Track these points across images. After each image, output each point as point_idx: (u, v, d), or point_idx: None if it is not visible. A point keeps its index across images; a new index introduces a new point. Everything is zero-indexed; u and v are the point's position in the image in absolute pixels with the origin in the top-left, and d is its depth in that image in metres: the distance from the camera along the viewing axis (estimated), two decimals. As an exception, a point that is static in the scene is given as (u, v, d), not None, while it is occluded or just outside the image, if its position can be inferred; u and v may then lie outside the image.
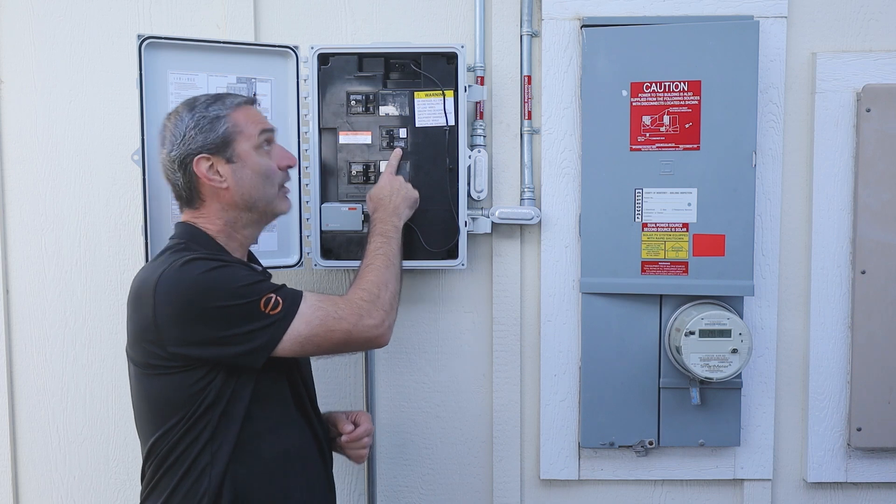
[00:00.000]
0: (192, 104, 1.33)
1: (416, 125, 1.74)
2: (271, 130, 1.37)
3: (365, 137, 1.75)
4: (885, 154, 1.81)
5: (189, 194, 1.33)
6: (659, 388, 1.84)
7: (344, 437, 1.45)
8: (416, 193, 1.63)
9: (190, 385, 1.23)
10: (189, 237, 1.31)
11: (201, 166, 1.30)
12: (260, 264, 1.46)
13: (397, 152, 1.69)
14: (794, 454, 1.93)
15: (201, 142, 1.29)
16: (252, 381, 1.27)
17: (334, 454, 1.51)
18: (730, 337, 1.72)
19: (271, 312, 1.22)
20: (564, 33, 1.84)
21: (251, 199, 1.32)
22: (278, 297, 1.24)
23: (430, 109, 1.74)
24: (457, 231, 1.76)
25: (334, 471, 1.48)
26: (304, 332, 1.25)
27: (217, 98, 1.34)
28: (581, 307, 1.86)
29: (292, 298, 1.26)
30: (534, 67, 1.87)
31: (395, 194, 1.58)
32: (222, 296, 1.20)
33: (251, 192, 1.32)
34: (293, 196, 1.74)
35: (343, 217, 1.74)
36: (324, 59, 1.73)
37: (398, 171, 1.70)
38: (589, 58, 1.79)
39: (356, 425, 1.47)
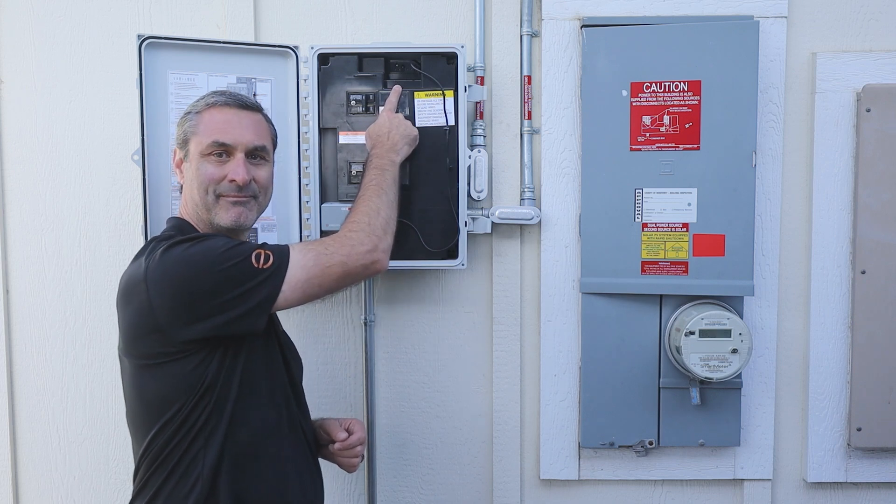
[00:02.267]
0: (204, 95, 1.40)
1: (416, 125, 1.74)
2: (228, 146, 1.32)
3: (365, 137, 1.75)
4: (885, 154, 1.81)
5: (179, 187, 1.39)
6: (659, 388, 1.84)
7: (337, 445, 1.44)
8: (415, 131, 1.63)
9: (188, 373, 1.23)
10: (176, 229, 1.34)
11: (175, 156, 1.38)
12: None
13: (397, 89, 1.67)
14: (794, 454, 1.93)
15: (175, 134, 1.37)
16: (239, 371, 1.28)
17: (326, 462, 1.51)
18: (730, 337, 1.72)
19: (264, 266, 1.22)
20: (564, 33, 1.84)
21: (194, 202, 1.34)
22: (267, 252, 1.24)
23: (430, 109, 1.74)
24: (457, 231, 1.76)
25: (333, 472, 1.48)
26: (301, 276, 1.25)
27: (209, 94, 1.38)
28: (581, 307, 1.86)
29: (280, 249, 1.27)
30: (534, 67, 1.87)
31: (393, 130, 1.58)
32: (211, 264, 1.21)
33: (193, 194, 1.33)
34: (291, 196, 1.76)
35: (343, 217, 1.73)
36: (324, 59, 1.73)
37: (398, 109, 1.69)
38: (589, 58, 1.79)
39: (350, 433, 1.46)
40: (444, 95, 1.73)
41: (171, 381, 1.24)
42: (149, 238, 1.64)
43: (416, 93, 1.74)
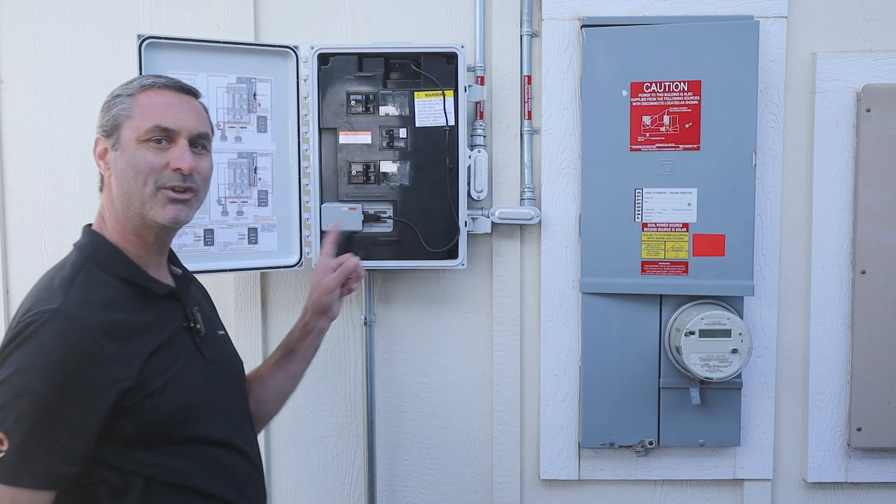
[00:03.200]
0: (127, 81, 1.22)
1: (416, 125, 1.74)
2: (169, 130, 1.15)
3: (365, 137, 1.75)
4: (885, 154, 1.81)
5: (100, 180, 1.21)
6: (659, 388, 1.84)
7: (337, 274, 1.39)
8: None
9: None
10: (91, 249, 1.18)
11: (97, 147, 1.18)
12: (180, 266, 1.31)
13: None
14: (794, 454, 1.93)
15: (99, 122, 1.18)
16: None
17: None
18: (730, 337, 1.72)
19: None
20: (564, 33, 1.84)
21: (125, 195, 1.15)
22: (2, 447, 1.02)
23: (430, 109, 1.74)
24: (457, 231, 1.76)
25: (333, 472, 1.45)
26: None
27: (141, 77, 1.21)
28: (581, 307, 1.86)
29: (10, 462, 1.01)
30: (534, 67, 1.87)
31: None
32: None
33: (123, 185, 1.15)
34: (291, 196, 1.76)
35: (343, 217, 1.74)
36: (324, 59, 1.73)
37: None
38: (589, 58, 1.79)
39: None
40: (444, 95, 1.73)
41: None
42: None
43: (416, 93, 1.74)
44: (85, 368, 1.04)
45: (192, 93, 1.22)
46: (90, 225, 1.22)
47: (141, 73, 1.62)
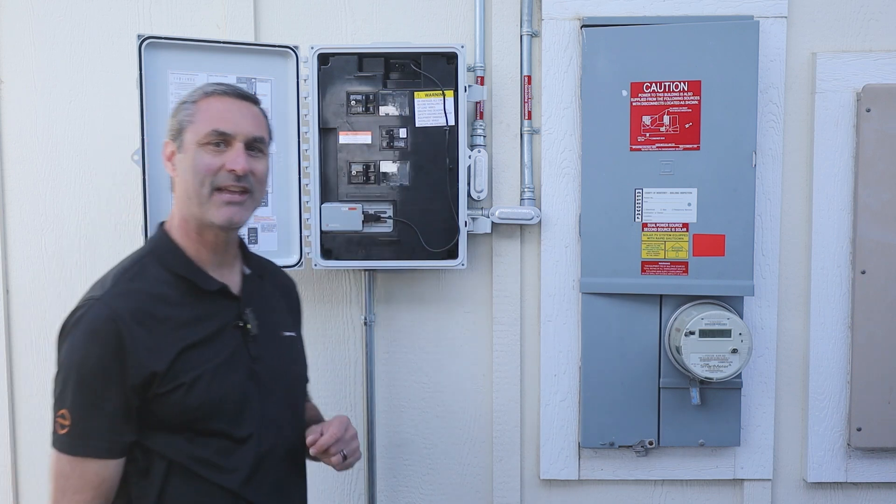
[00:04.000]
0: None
1: (416, 125, 1.74)
2: (226, 134, 1.22)
3: (365, 137, 1.75)
4: (885, 154, 1.81)
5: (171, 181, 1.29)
6: (659, 388, 1.84)
7: (312, 450, 1.30)
8: None
9: None
10: (153, 244, 1.28)
11: (165, 150, 1.27)
12: (262, 268, 1.38)
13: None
14: (794, 454, 1.93)
15: (168, 126, 1.27)
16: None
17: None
18: (730, 337, 1.72)
19: (58, 425, 1.18)
20: (564, 33, 1.84)
21: (186, 195, 1.23)
22: (65, 423, 1.17)
23: (430, 109, 1.74)
24: (457, 231, 1.76)
25: (333, 472, 1.45)
26: (52, 463, 1.19)
27: (205, 84, 1.29)
28: (581, 307, 1.86)
29: (72, 437, 1.17)
30: (534, 67, 1.87)
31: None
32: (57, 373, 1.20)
33: (186, 187, 1.23)
34: (291, 196, 1.76)
35: (343, 217, 1.74)
36: (324, 59, 1.73)
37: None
38: (589, 58, 1.79)
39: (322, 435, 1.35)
40: (444, 95, 1.73)
41: None
42: (148, 237, 1.59)
43: (416, 93, 1.74)
44: (114, 351, 1.15)
45: (252, 99, 1.29)
46: (164, 222, 1.30)
47: (141, 73, 1.62)
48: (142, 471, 1.21)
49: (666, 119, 1.77)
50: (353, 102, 1.74)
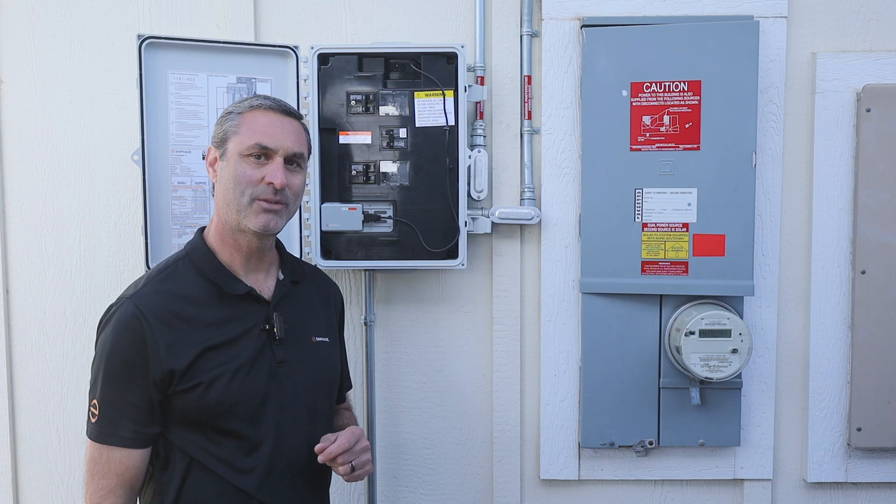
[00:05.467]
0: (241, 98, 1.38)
1: (416, 125, 1.74)
2: (268, 149, 1.27)
3: (365, 137, 1.75)
4: (885, 154, 1.81)
5: (211, 186, 1.37)
6: (659, 388, 1.84)
7: (319, 458, 1.30)
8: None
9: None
10: (189, 247, 1.33)
11: (208, 156, 1.33)
12: (301, 273, 1.42)
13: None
14: (794, 454, 1.93)
15: (214, 132, 1.32)
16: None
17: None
18: (730, 337, 1.72)
19: (92, 415, 1.26)
20: (564, 33, 1.84)
21: (225, 201, 1.29)
22: (95, 413, 1.26)
23: (430, 109, 1.74)
24: (457, 231, 1.76)
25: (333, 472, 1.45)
26: (88, 452, 1.27)
27: (252, 97, 1.34)
28: (581, 307, 1.86)
29: (100, 426, 1.26)
30: (534, 67, 1.87)
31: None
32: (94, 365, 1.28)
33: (225, 193, 1.29)
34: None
35: (343, 217, 1.74)
36: (324, 59, 1.73)
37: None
38: (589, 58, 1.79)
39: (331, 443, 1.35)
40: (444, 95, 1.73)
41: None
42: (148, 237, 1.65)
43: (416, 93, 1.74)
44: (137, 347, 1.22)
45: (295, 115, 1.34)
46: (203, 228, 1.36)
47: (141, 73, 1.63)
48: (163, 464, 1.27)
49: (666, 119, 1.77)
50: (353, 102, 1.74)
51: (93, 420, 1.25)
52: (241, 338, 1.28)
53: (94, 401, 1.25)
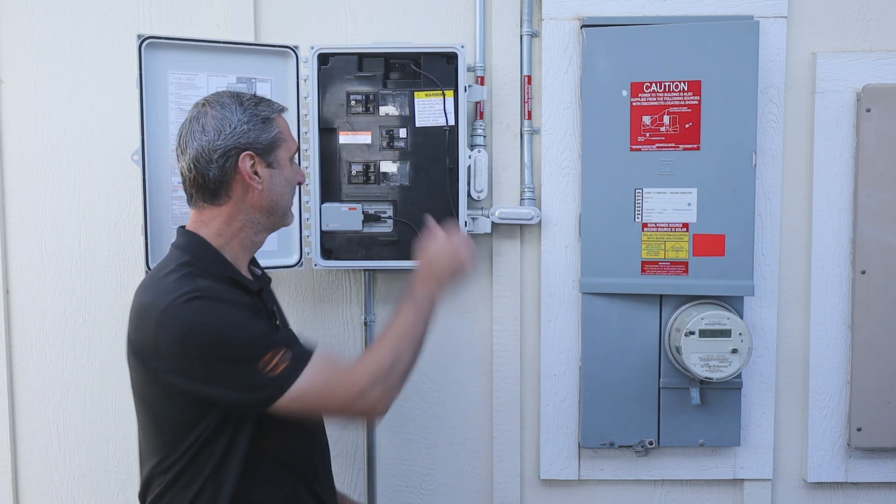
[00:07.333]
0: (239, 98, 1.29)
1: (416, 125, 1.74)
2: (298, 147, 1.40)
3: (365, 137, 1.75)
4: (885, 154, 1.81)
5: (217, 188, 1.26)
6: (659, 388, 1.84)
7: None
8: (460, 261, 1.39)
9: (178, 413, 1.22)
10: (194, 251, 1.27)
11: (245, 163, 1.26)
12: (259, 266, 1.43)
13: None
14: (794, 454, 1.93)
15: (252, 139, 1.26)
16: (249, 436, 1.24)
17: None
18: (730, 337, 1.72)
19: (271, 373, 1.18)
20: (564, 33, 1.84)
21: (275, 206, 1.31)
22: (283, 356, 1.19)
23: (430, 109, 1.74)
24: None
25: (333, 472, 1.47)
26: (299, 395, 1.19)
27: (261, 100, 1.32)
28: (581, 307, 1.86)
29: (299, 359, 1.20)
30: (534, 67, 1.87)
31: (444, 261, 1.38)
32: (224, 349, 1.18)
33: (278, 199, 1.32)
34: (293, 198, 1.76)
35: (343, 217, 1.74)
36: (324, 59, 1.73)
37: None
38: (589, 58, 1.79)
39: None
40: (443, 95, 1.73)
41: (171, 410, 1.23)
42: (148, 237, 1.64)
43: (416, 93, 1.74)
44: (227, 301, 1.24)
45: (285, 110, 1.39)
46: (189, 230, 1.31)
47: (141, 73, 1.62)
48: (224, 452, 1.23)
49: (666, 119, 1.77)
50: (353, 102, 1.74)
51: (284, 365, 1.18)
52: None
53: (266, 357, 1.17)
